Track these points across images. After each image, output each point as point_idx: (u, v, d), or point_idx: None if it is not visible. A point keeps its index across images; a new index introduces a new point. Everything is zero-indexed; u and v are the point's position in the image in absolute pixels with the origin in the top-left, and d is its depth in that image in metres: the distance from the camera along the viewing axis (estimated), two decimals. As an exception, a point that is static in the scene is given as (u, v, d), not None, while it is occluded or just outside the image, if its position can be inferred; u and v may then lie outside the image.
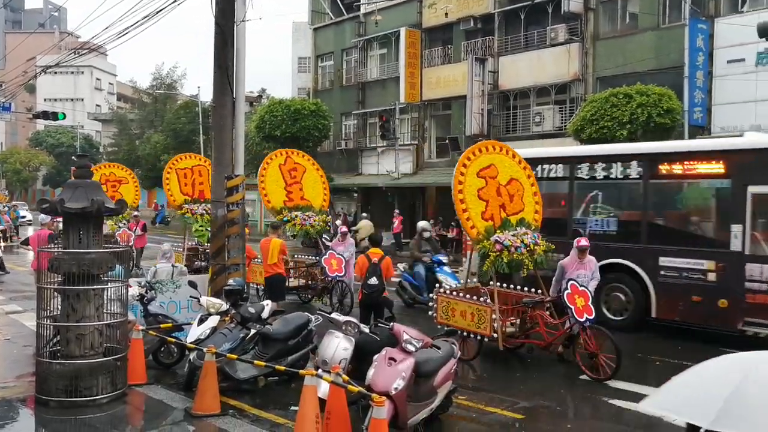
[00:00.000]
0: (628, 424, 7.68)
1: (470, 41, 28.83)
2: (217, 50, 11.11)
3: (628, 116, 19.27)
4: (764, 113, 19.72)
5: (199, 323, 9.06)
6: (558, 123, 25.54)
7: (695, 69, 20.62)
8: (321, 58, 37.59)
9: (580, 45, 24.82)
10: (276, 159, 15.54)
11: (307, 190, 15.58)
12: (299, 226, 14.88)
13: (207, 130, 37.80)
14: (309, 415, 6.39)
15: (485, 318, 9.82)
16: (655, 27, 23.03)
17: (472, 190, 10.15)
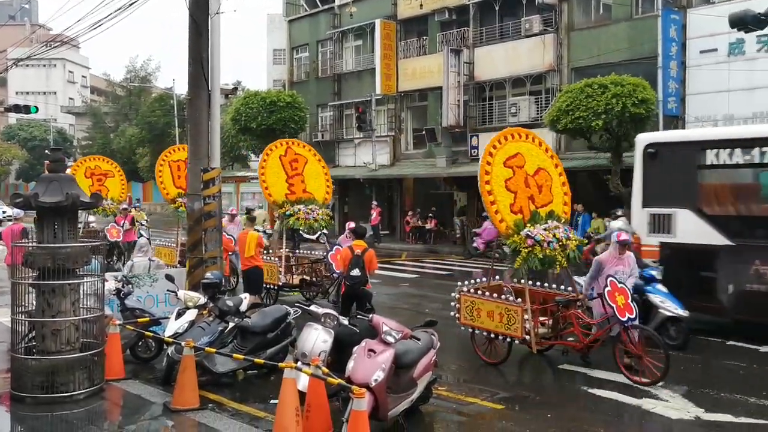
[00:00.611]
0: (607, 412, 7.77)
1: (445, 32, 28.84)
2: (192, 43, 10.99)
3: (603, 106, 19.38)
4: (737, 102, 19.98)
5: (177, 317, 9.02)
6: (534, 114, 25.66)
7: (669, 59, 20.80)
8: (296, 50, 37.40)
9: (555, 36, 24.94)
10: (276, 150, 14.74)
11: (309, 182, 14.81)
12: (303, 220, 14.14)
13: (182, 122, 37.47)
14: (289, 408, 6.39)
15: (516, 318, 9.13)
16: (629, 18, 23.20)
17: (500, 180, 9.44)
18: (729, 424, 7.36)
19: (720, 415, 7.60)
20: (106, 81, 63.70)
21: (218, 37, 11.09)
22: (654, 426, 7.35)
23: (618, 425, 7.35)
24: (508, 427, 7.28)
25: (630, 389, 8.39)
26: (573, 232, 9.84)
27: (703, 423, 7.41)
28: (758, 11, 14.96)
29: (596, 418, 7.58)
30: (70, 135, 71.66)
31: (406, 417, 7.05)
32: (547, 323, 9.78)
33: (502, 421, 7.45)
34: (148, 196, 54.63)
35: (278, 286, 14.04)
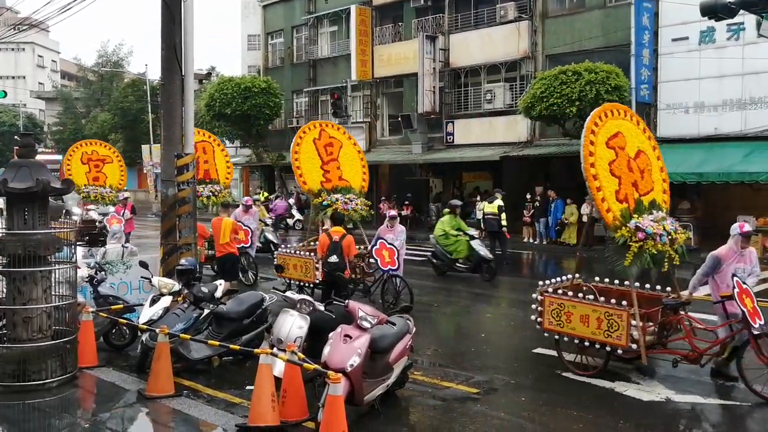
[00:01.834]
0: (580, 396, 7.87)
1: (421, 19, 28.79)
2: (165, 27, 10.87)
3: (577, 93, 19.56)
4: (708, 90, 20.24)
5: (151, 304, 8.96)
6: (509, 100, 25.77)
7: (641, 47, 20.98)
8: (271, 36, 37.10)
9: (530, 23, 25.01)
10: (309, 133, 13.43)
11: (345, 169, 13.56)
12: (342, 210, 12.87)
13: (156, 108, 37.01)
14: (265, 394, 6.39)
15: (619, 324, 7.89)
16: (602, 5, 23.35)
17: (603, 163, 8.34)
18: (698, 405, 7.51)
19: (690, 396, 7.74)
20: (77, 66, 62.73)
21: (191, 22, 10.97)
22: (626, 408, 7.46)
23: (591, 407, 7.45)
24: (483, 410, 7.35)
25: (603, 374, 8.49)
26: (679, 225, 8.69)
27: (674, 404, 7.55)
28: (729, 0, 15.13)
29: (570, 401, 7.67)
30: (40, 120, 70.35)
31: (382, 402, 7.10)
32: (652, 329, 8.45)
33: (477, 405, 7.52)
34: (121, 182, 53.92)
35: (314, 284, 12.58)
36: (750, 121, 19.53)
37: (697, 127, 20.48)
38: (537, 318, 8.78)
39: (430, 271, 16.58)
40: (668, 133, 21.09)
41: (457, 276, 15.94)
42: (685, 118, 20.75)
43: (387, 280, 12.03)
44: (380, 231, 12.70)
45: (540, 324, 8.73)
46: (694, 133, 20.49)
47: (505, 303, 13.47)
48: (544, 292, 8.74)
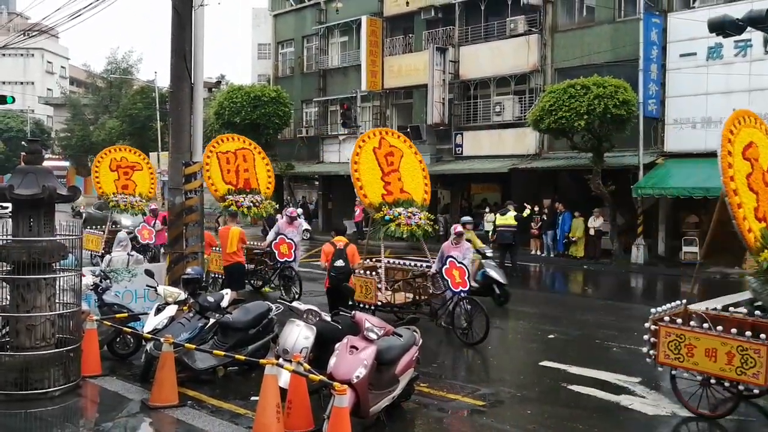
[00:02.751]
0: (587, 408, 7.80)
1: (431, 31, 28.85)
2: (175, 35, 10.90)
3: (586, 107, 19.51)
4: (715, 106, 20.16)
5: (156, 313, 8.93)
6: (518, 113, 25.75)
7: (649, 62, 20.96)
8: (281, 45, 37.22)
9: (539, 36, 25.03)
10: (369, 141, 12.33)
11: (407, 180, 12.41)
12: (404, 226, 11.65)
13: (164, 116, 37.19)
14: (270, 405, 6.34)
15: (757, 361, 6.77)
16: (612, 20, 23.34)
17: (741, 177, 7.41)
18: (704, 420, 7.42)
19: (698, 414, 7.67)
20: (86, 72, 62.96)
21: (202, 30, 11.00)
22: (631, 422, 7.39)
23: (596, 421, 7.38)
24: (489, 423, 7.29)
25: (608, 386, 8.44)
26: None
27: (679, 418, 7.47)
28: (736, 17, 15.10)
29: (576, 414, 7.61)
30: (48, 127, 70.72)
31: (388, 413, 7.03)
32: None
33: (483, 418, 7.45)
34: (128, 189, 54.10)
35: (375, 305, 11.48)
36: (759, 137, 19.42)
37: (705, 142, 20.37)
38: (649, 350, 7.61)
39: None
40: (675, 147, 21.05)
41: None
42: (692, 133, 20.69)
43: (457, 303, 10.77)
44: (445, 248, 11.48)
45: (653, 357, 7.56)
46: (701, 148, 20.38)
47: (512, 315, 13.38)
48: (659, 321, 7.53)
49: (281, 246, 14.14)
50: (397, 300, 11.77)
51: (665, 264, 20.74)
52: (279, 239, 14.20)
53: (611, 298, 16.47)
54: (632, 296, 17.26)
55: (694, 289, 8.70)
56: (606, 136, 20.54)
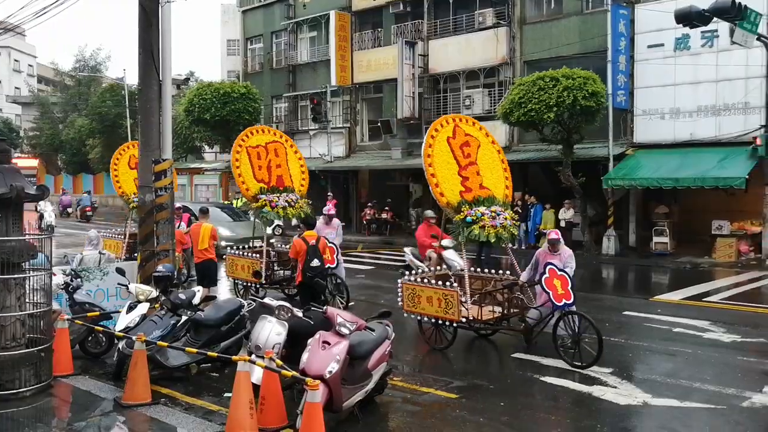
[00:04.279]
0: (559, 400, 7.91)
1: (400, 25, 28.86)
2: (142, 32, 10.80)
3: (555, 99, 19.68)
4: (683, 96, 20.50)
5: (128, 311, 8.89)
6: (487, 106, 25.89)
7: (618, 53, 21.20)
8: (250, 41, 36.99)
9: (508, 29, 25.17)
10: (443, 130, 10.61)
11: (486, 174, 10.68)
12: (489, 228, 9.97)
13: (134, 113, 36.74)
14: (243, 401, 6.36)
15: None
16: (579, 12, 23.55)
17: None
18: (675, 409, 7.58)
19: (666, 400, 7.82)
20: (54, 70, 62.07)
21: (169, 27, 10.91)
22: (604, 412, 7.51)
23: (569, 412, 7.50)
24: (462, 415, 7.36)
25: (580, 377, 8.56)
26: None
27: (651, 407, 7.62)
28: (703, 8, 15.35)
29: (548, 405, 7.72)
30: (17, 125, 69.56)
31: (361, 408, 7.08)
32: None
33: (456, 410, 7.52)
34: (99, 188, 53.49)
35: (458, 323, 9.77)
36: (724, 127, 19.80)
37: (673, 132, 20.72)
38: None
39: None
40: (644, 138, 21.34)
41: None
42: (661, 124, 21.00)
43: (561, 319, 9.16)
44: (540, 255, 10.00)
45: None
46: (670, 138, 20.73)
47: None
48: None
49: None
50: (485, 315, 9.96)
51: (636, 255, 21.03)
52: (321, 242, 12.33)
53: (582, 290, 16.55)
54: (603, 287, 17.47)
55: None
56: (575, 128, 20.76)
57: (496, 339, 10.95)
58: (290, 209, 13.22)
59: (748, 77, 19.33)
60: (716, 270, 18.20)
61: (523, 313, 9.90)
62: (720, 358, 9.58)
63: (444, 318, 9.80)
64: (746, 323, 11.66)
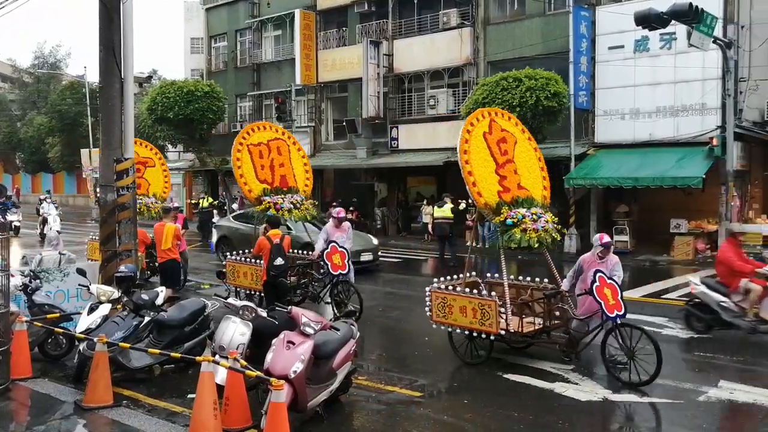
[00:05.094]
0: (521, 397, 8.02)
1: (365, 24, 28.89)
2: (103, 29, 10.65)
3: (518, 99, 19.90)
4: (643, 97, 20.87)
5: (89, 312, 8.77)
6: (452, 106, 26.05)
7: (579, 55, 21.50)
8: (214, 39, 36.67)
9: (472, 29, 25.36)
10: (479, 125, 9.72)
11: (523, 173, 9.86)
12: (531, 231, 9.15)
13: (95, 111, 36.17)
14: (206, 402, 6.33)
15: None
16: (542, 13, 23.82)
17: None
18: (634, 404, 7.74)
19: (626, 395, 7.98)
20: (11, 67, 60.81)
21: (131, 24, 10.77)
22: (565, 408, 7.63)
23: (531, 408, 7.60)
24: (426, 413, 7.42)
25: (543, 374, 8.68)
26: None
27: (611, 403, 7.77)
28: (661, 10, 15.68)
29: (511, 402, 7.82)
30: (-27, 123, 68.04)
31: (326, 407, 7.10)
32: None
33: (420, 408, 7.59)
34: (59, 187, 52.60)
35: (497, 335, 9.03)
36: (682, 128, 20.22)
37: (633, 133, 21.08)
38: None
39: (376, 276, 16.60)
40: (605, 138, 21.68)
41: (403, 280, 16.03)
42: (621, 124, 21.36)
43: (611, 332, 8.48)
44: (585, 262, 9.24)
45: None
46: (630, 138, 21.09)
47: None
48: None
49: (333, 256, 11.65)
50: (526, 328, 9.18)
51: (597, 252, 21.28)
52: (331, 248, 11.77)
53: (545, 287, 16.85)
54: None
55: None
56: (538, 128, 20.98)
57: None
58: (296, 211, 12.62)
59: (705, 79, 19.78)
60: (674, 267, 18.57)
61: (566, 325, 9.11)
62: (677, 354, 9.80)
63: (480, 330, 9.03)
64: (703, 319, 11.92)
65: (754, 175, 22.21)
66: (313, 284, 12.48)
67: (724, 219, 19.19)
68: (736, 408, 7.50)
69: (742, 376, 7.89)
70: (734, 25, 19.45)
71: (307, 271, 12.65)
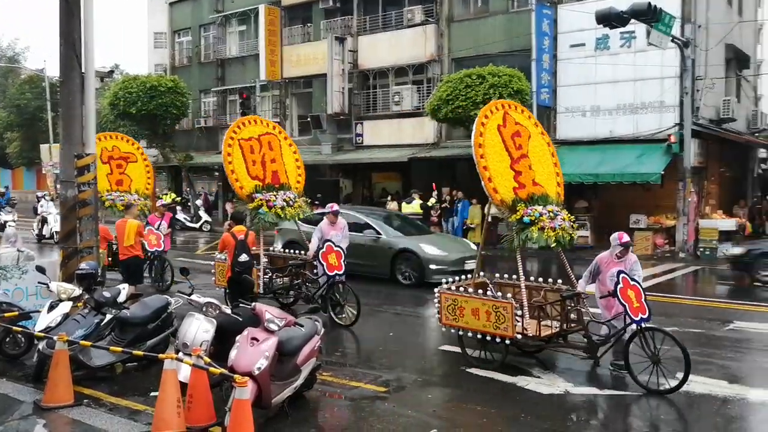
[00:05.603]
0: (484, 391, 8.11)
1: (330, 20, 28.85)
2: (63, 22, 10.47)
3: (482, 96, 20.07)
4: (603, 95, 21.22)
5: (49, 310, 8.63)
6: (416, 102, 26.16)
7: (542, 52, 21.77)
8: (178, 34, 36.29)
9: (436, 26, 25.49)
10: (493, 117, 9.22)
11: (538, 169, 9.39)
12: (549, 230, 8.74)
13: (56, 106, 35.53)
14: (170, 400, 6.30)
15: None
16: (505, 11, 24.06)
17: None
18: (594, 397, 7.90)
19: (587, 388, 8.14)
20: (-33, 61, 59.37)
21: (91, 17, 10.59)
22: (528, 401, 7.74)
23: (494, 402, 7.70)
24: (391, 408, 7.47)
25: (505, 368, 8.77)
26: None
27: (572, 396, 7.92)
28: (621, 9, 15.97)
29: (474, 396, 7.90)
30: (-73, 118, 66.21)
31: (291, 403, 7.10)
32: None
33: (385, 404, 7.63)
34: (18, 183, 51.56)
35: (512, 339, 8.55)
36: (641, 125, 20.62)
37: (594, 129, 21.42)
38: None
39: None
40: (567, 135, 21.98)
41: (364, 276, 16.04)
42: (582, 121, 21.68)
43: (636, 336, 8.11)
44: (603, 262, 8.83)
45: None
46: (591, 135, 21.43)
47: (413, 301, 13.68)
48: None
49: (329, 256, 11.19)
50: (543, 331, 8.69)
51: (559, 248, 21.58)
52: (327, 247, 11.28)
53: (508, 282, 17.03)
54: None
55: None
56: (502, 125, 21.17)
57: (424, 332, 11.13)
58: (289, 209, 12.09)
59: (664, 77, 20.17)
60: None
61: (585, 328, 8.65)
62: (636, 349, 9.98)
63: (495, 334, 8.57)
64: (661, 313, 12.16)
65: (710, 172, 22.78)
66: (307, 285, 12.07)
67: (681, 214, 19.63)
68: (692, 399, 7.69)
69: (697, 369, 8.07)
70: (691, 25, 19.89)
71: (300, 272, 12.25)
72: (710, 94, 21.13)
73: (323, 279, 11.46)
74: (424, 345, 10.42)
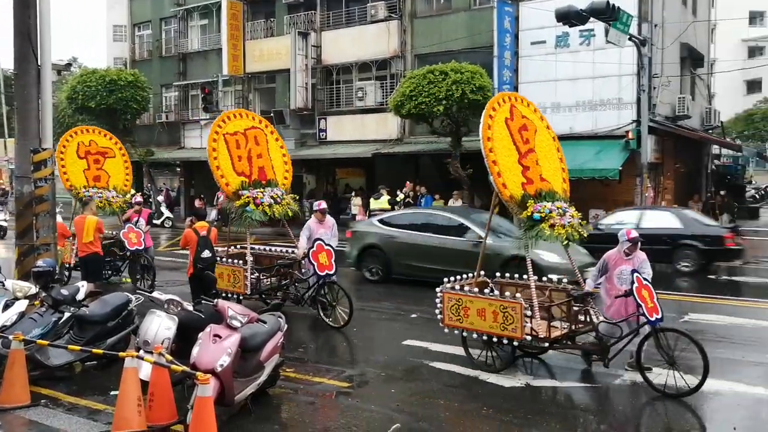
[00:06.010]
0: (447, 384, 8.19)
1: (293, 15, 28.72)
2: (17, 14, 10.28)
3: (444, 93, 20.19)
4: (563, 92, 21.52)
5: (4, 309, 8.46)
6: (380, 98, 26.21)
7: (503, 49, 21.97)
8: (138, 27, 35.75)
9: (399, 22, 25.55)
10: (500, 110, 8.90)
11: (544, 164, 9.13)
12: (559, 227, 8.45)
13: (10, 100, 34.73)
14: (130, 398, 6.24)
15: None
16: (467, 8, 24.23)
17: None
18: (554, 389, 8.04)
19: (546, 381, 8.28)
20: None
21: (48, 8, 10.41)
22: (489, 394, 7.83)
23: (457, 395, 7.78)
24: (354, 404, 7.50)
25: (468, 362, 8.86)
26: None
27: (532, 389, 8.04)
28: (581, 8, 16.19)
29: (437, 389, 7.98)
30: None
31: (254, 400, 7.09)
32: None
33: (349, 399, 7.66)
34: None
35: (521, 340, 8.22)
36: (600, 121, 20.96)
37: (554, 126, 21.39)
38: None
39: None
40: (529, 131, 22.18)
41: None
42: (544, 118, 21.91)
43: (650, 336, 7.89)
44: (611, 260, 8.56)
45: None
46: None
47: (376, 296, 13.71)
48: None
49: (320, 255, 10.73)
50: (554, 333, 8.27)
51: (521, 242, 21.83)
52: (317, 246, 10.79)
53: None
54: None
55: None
56: (464, 121, 21.35)
57: (388, 326, 11.17)
58: (276, 207, 11.48)
59: (622, 75, 20.53)
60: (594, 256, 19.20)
61: (594, 329, 8.33)
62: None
63: (502, 335, 8.23)
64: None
65: (666, 167, 23.26)
66: (296, 285, 11.60)
67: (640, 209, 19.97)
68: (647, 389, 7.86)
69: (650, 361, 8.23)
70: (648, 24, 20.28)
71: (288, 272, 11.81)
72: (666, 91, 21.58)
73: (313, 279, 11.03)
74: (388, 339, 10.43)
